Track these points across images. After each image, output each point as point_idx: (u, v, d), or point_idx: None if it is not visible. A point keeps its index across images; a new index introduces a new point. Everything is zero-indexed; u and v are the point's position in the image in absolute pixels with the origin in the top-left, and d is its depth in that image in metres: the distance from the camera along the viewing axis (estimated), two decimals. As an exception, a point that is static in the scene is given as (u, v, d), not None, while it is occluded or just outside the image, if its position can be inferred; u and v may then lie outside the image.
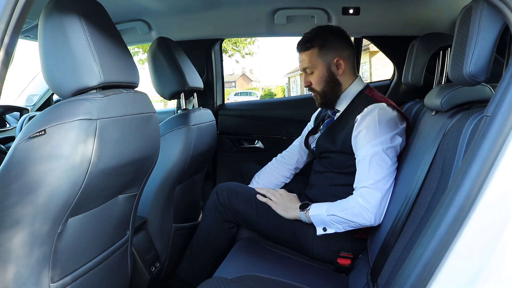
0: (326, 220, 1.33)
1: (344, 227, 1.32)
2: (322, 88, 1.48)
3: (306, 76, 1.52)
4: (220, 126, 2.31)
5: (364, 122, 1.35)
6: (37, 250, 0.85)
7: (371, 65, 12.63)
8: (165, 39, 1.65)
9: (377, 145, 1.30)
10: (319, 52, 1.46)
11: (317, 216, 1.34)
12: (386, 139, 1.32)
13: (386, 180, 1.29)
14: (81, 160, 0.84)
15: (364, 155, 1.32)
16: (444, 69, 1.45)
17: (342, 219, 1.30)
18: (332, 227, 1.33)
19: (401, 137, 1.35)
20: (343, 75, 1.48)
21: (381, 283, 1.02)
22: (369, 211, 1.27)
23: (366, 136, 1.33)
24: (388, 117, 1.35)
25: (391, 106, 1.40)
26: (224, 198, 1.48)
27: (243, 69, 35.99)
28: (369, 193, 1.28)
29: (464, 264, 0.66)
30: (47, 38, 0.88)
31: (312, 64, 1.47)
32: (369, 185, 1.28)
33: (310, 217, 1.36)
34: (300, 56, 1.51)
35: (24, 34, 1.81)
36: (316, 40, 1.46)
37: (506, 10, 0.70)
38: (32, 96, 2.18)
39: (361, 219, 1.28)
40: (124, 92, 0.99)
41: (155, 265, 1.53)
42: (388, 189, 1.29)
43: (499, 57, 0.87)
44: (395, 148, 1.33)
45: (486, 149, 0.65)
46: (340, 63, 1.47)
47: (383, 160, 1.30)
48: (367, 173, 1.30)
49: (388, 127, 1.33)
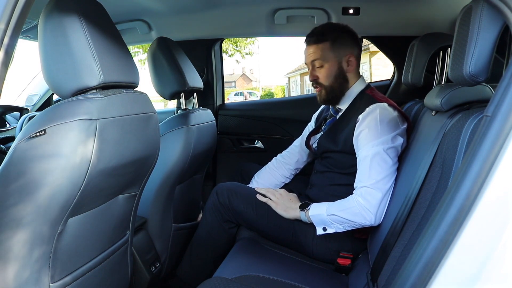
0: (326, 220, 1.32)
1: (344, 227, 1.32)
2: (330, 83, 1.47)
3: (312, 69, 1.49)
4: (220, 126, 2.31)
5: (366, 121, 1.35)
6: (37, 249, 0.85)
7: (371, 65, 12.63)
8: (165, 39, 1.65)
9: (378, 145, 1.30)
10: (331, 46, 1.45)
11: (317, 216, 1.34)
12: (387, 139, 1.32)
13: (386, 180, 1.29)
14: (81, 160, 0.84)
15: (365, 155, 1.32)
16: (444, 69, 1.45)
17: (342, 219, 1.30)
18: (332, 227, 1.33)
19: (402, 138, 1.35)
20: (351, 73, 1.48)
21: (381, 283, 1.02)
22: (369, 211, 1.27)
23: (367, 136, 1.33)
24: (389, 117, 1.35)
25: (392, 106, 1.39)
26: (224, 198, 1.48)
27: (243, 69, 35.98)
28: (370, 193, 1.28)
29: (464, 264, 0.66)
30: (47, 38, 0.88)
31: (323, 57, 1.45)
32: (370, 185, 1.28)
33: (310, 217, 1.35)
34: (310, 48, 1.48)
35: (24, 34, 1.82)
36: (329, 34, 1.45)
37: (506, 10, 0.70)
38: (32, 96, 2.18)
39: (361, 218, 1.28)
40: (124, 92, 0.99)
41: (155, 265, 1.53)
42: (389, 189, 1.29)
43: (499, 57, 0.87)
44: (396, 148, 1.33)
45: (486, 149, 0.65)
46: (352, 60, 1.47)
47: (384, 160, 1.30)
48: (367, 173, 1.30)
49: (389, 127, 1.33)
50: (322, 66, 1.46)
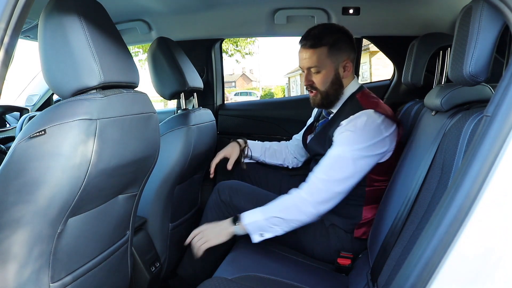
0: (264, 225, 1.29)
1: (282, 228, 1.29)
2: (326, 89, 1.43)
3: (308, 74, 1.45)
4: (220, 126, 2.31)
5: (346, 127, 1.33)
6: (37, 249, 0.85)
7: (371, 65, 12.62)
8: (165, 39, 1.65)
9: (350, 151, 1.29)
10: (329, 51, 1.39)
11: (253, 223, 1.30)
12: (361, 147, 1.29)
13: (339, 183, 1.28)
14: (81, 160, 0.84)
15: (333, 153, 1.32)
16: (444, 69, 1.45)
17: (282, 219, 1.28)
18: (270, 231, 1.30)
19: (386, 145, 1.33)
20: (346, 77, 1.45)
21: (381, 283, 1.02)
22: (310, 206, 1.27)
23: (342, 139, 1.32)
24: (371, 126, 1.31)
25: (379, 112, 1.34)
26: (225, 195, 1.48)
27: (243, 69, 36.00)
28: (317, 189, 1.28)
29: (464, 264, 0.66)
30: (47, 38, 0.88)
31: (320, 63, 1.40)
32: (320, 180, 1.29)
33: (246, 226, 1.30)
34: (305, 53, 1.42)
35: (24, 34, 1.82)
36: (327, 38, 1.39)
37: (506, 10, 0.70)
38: (32, 96, 2.18)
39: (301, 215, 1.28)
40: (124, 92, 0.99)
41: (155, 265, 1.53)
42: (338, 194, 1.29)
43: (499, 57, 0.87)
44: (371, 157, 1.31)
45: (486, 149, 0.65)
46: (348, 66, 1.43)
47: (347, 165, 1.29)
48: (324, 168, 1.30)
49: (368, 135, 1.31)
50: (319, 72, 1.42)
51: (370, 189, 1.40)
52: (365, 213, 1.41)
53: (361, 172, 1.32)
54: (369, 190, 1.40)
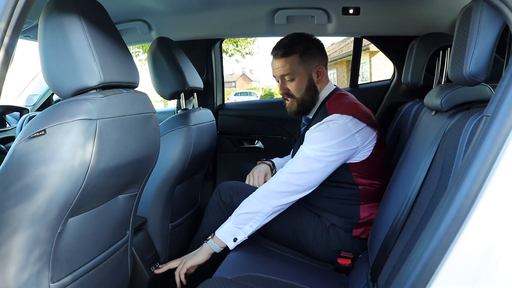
0: (233, 228, 1.32)
1: (252, 225, 1.32)
2: (302, 96, 1.47)
3: (282, 83, 1.49)
4: (220, 126, 2.31)
5: (316, 129, 1.36)
6: (37, 250, 0.85)
7: (371, 65, 12.61)
8: (165, 39, 1.65)
9: (312, 149, 1.32)
10: (300, 58, 1.44)
11: (224, 230, 1.33)
12: (325, 146, 1.32)
13: (299, 177, 1.32)
14: (81, 160, 0.84)
15: (299, 151, 1.36)
16: (444, 69, 1.45)
17: (247, 214, 1.32)
18: (242, 232, 1.32)
19: (354, 142, 1.34)
20: (320, 82, 1.49)
21: (381, 283, 1.02)
22: (271, 195, 1.31)
23: (309, 139, 1.36)
24: (335, 125, 1.34)
25: (345, 114, 1.35)
26: (226, 196, 1.50)
27: (243, 69, 35.96)
28: (280, 180, 1.33)
29: (464, 264, 0.66)
30: (47, 38, 0.88)
31: (293, 70, 1.45)
32: (284, 173, 1.34)
33: (218, 237, 1.33)
34: (278, 62, 1.47)
35: (24, 34, 1.82)
36: (297, 46, 1.44)
37: (506, 10, 0.70)
38: (32, 96, 2.18)
39: (262, 205, 1.31)
40: (124, 92, 0.99)
41: (155, 265, 1.53)
42: (299, 187, 1.33)
43: (499, 57, 0.87)
44: (336, 155, 1.32)
45: (486, 149, 0.65)
46: (321, 71, 1.47)
47: (310, 162, 1.32)
48: (289, 163, 1.36)
49: (333, 134, 1.33)
50: (293, 80, 1.46)
51: (363, 188, 1.41)
52: (362, 212, 1.41)
53: (326, 168, 1.34)
54: (362, 189, 1.41)
